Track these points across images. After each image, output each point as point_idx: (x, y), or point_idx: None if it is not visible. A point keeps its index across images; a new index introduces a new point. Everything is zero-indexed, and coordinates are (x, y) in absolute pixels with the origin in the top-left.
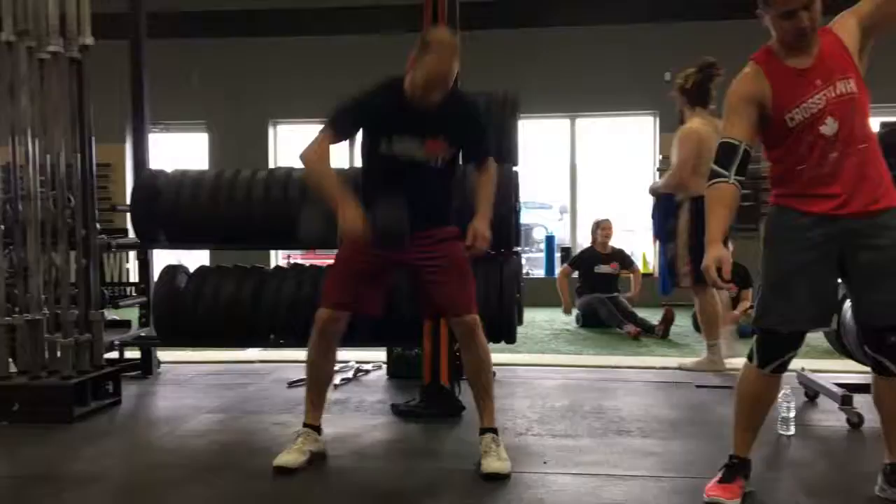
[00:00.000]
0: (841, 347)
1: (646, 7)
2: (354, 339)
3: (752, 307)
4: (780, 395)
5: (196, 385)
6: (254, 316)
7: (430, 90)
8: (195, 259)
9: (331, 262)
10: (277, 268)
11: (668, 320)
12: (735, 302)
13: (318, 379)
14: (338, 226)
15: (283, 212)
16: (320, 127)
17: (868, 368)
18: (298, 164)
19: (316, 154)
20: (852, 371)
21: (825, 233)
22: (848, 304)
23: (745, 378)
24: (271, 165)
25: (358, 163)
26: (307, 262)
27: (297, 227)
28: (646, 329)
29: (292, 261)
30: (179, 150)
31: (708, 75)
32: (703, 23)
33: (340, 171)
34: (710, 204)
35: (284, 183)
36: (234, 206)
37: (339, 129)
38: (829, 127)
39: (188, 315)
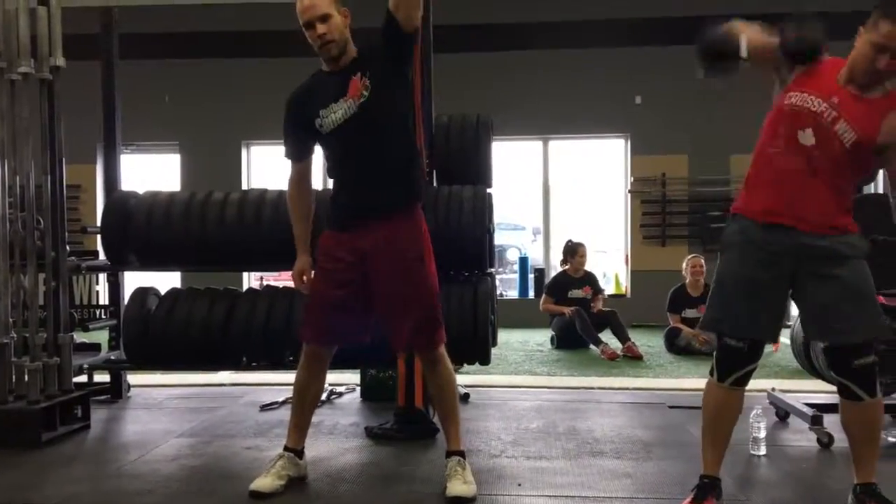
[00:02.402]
0: (810, 367)
1: (617, 31)
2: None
3: None
4: (751, 415)
5: (167, 409)
6: (226, 338)
7: (309, 31)
8: (166, 281)
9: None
10: (250, 290)
11: (636, 357)
12: None
13: (304, 401)
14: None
15: (257, 234)
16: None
17: (831, 388)
18: (272, 185)
19: (289, 188)
20: (822, 391)
21: (778, 249)
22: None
23: (707, 393)
24: (244, 187)
25: None
26: (280, 284)
27: None
28: (621, 337)
29: (265, 283)
30: (151, 172)
31: None
32: (673, 47)
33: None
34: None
35: (258, 204)
36: (206, 228)
37: (291, 152)
38: (805, 136)
39: (159, 338)
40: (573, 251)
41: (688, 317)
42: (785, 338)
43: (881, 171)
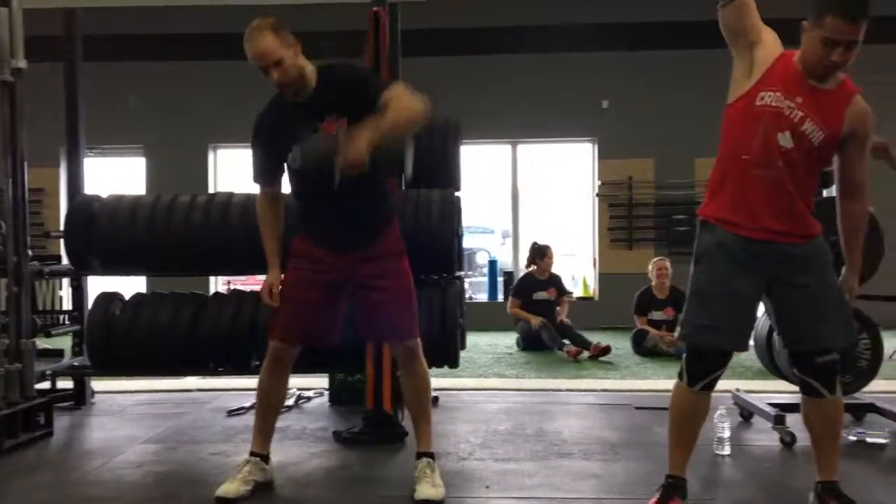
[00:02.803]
0: (774, 368)
1: (584, 36)
2: (296, 365)
3: None
4: (715, 415)
5: (131, 415)
6: (192, 343)
7: (267, 74)
8: (131, 286)
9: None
10: (216, 294)
11: (604, 351)
12: (673, 325)
13: (269, 405)
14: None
15: (223, 237)
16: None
17: (793, 388)
18: (240, 189)
19: (259, 209)
20: (785, 391)
21: (750, 256)
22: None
23: (675, 396)
24: (211, 190)
25: None
26: (248, 288)
27: None
28: (583, 345)
29: (233, 287)
30: (116, 175)
31: None
32: (639, 53)
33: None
34: None
35: (224, 208)
36: (172, 232)
37: (261, 177)
38: (784, 138)
39: (123, 343)
40: (541, 253)
41: (654, 319)
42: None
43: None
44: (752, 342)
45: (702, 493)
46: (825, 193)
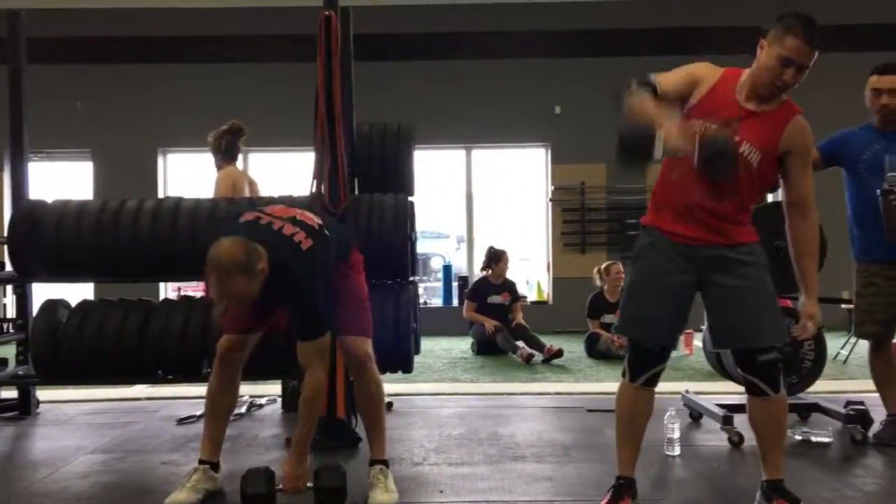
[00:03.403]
0: (721, 369)
1: (537, 43)
2: (248, 372)
3: None
4: (665, 416)
5: (78, 425)
6: (140, 351)
7: (232, 304)
8: (78, 293)
9: None
10: (166, 300)
11: (556, 354)
12: None
13: (218, 411)
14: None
15: (172, 243)
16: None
17: (739, 388)
18: (189, 194)
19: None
20: (733, 392)
21: (686, 257)
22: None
23: (620, 393)
24: (161, 195)
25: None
26: (198, 295)
27: None
28: (537, 347)
29: (182, 293)
30: (62, 180)
31: (236, 135)
32: (591, 59)
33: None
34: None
35: (173, 213)
36: (119, 238)
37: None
38: None
39: (70, 351)
40: (497, 258)
41: (606, 322)
42: (698, 341)
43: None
44: (699, 344)
45: (652, 493)
46: (770, 198)
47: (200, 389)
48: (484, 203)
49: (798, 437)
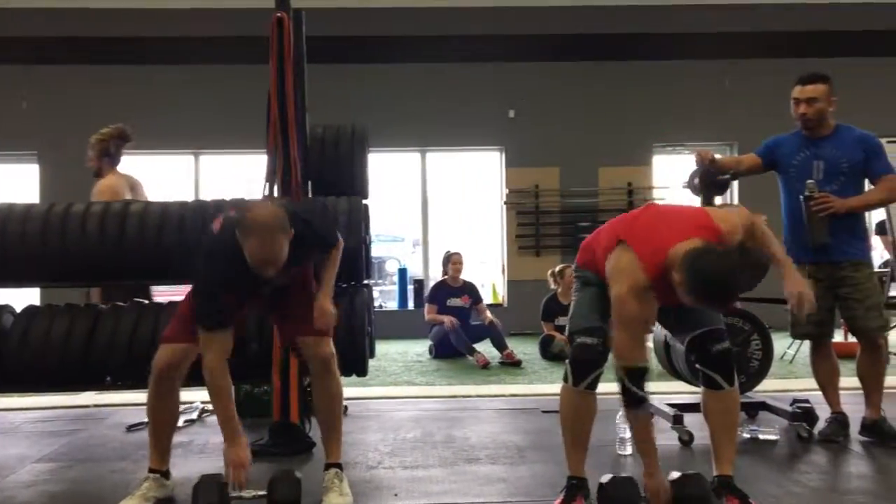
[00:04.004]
0: (672, 369)
1: (491, 47)
2: (200, 378)
3: None
4: (617, 416)
5: (24, 433)
6: (88, 357)
7: (263, 269)
8: (23, 298)
9: (172, 298)
10: (114, 306)
11: (514, 363)
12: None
13: (160, 424)
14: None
15: (121, 247)
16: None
17: (696, 389)
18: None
19: (211, 365)
20: (683, 392)
21: None
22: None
23: (563, 398)
24: None
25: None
26: (146, 300)
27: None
28: (499, 347)
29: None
30: (6, 183)
31: (125, 140)
32: (545, 64)
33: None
34: None
35: (122, 217)
36: (66, 242)
37: (218, 325)
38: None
39: (15, 358)
40: (447, 260)
41: (560, 324)
42: (650, 342)
43: (735, 184)
44: (651, 345)
45: None
46: (719, 201)
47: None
48: (439, 206)
49: (746, 435)
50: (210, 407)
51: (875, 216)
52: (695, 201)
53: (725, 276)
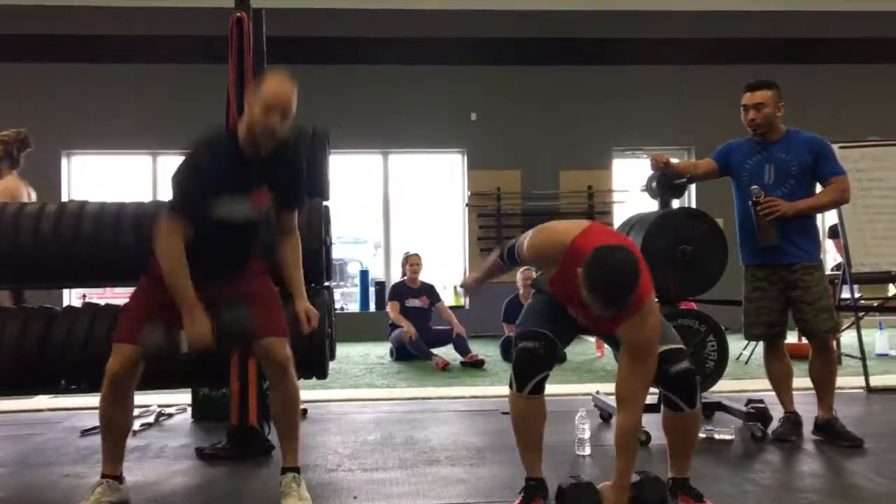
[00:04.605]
0: None
1: (453, 50)
2: (157, 381)
3: None
4: (576, 417)
5: None
6: (41, 360)
7: (270, 114)
8: None
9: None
10: (68, 308)
11: (476, 362)
12: None
13: (113, 430)
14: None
15: (76, 248)
16: (167, 214)
17: (653, 389)
18: (94, 197)
19: (169, 247)
20: None
21: None
22: None
23: (511, 405)
24: (64, 198)
25: None
26: (103, 302)
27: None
28: (463, 353)
29: (87, 300)
30: None
31: (26, 145)
32: (507, 67)
33: None
34: (489, 269)
35: (77, 217)
36: (19, 243)
37: (187, 213)
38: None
39: None
40: (405, 261)
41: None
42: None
43: (692, 188)
44: (608, 347)
45: None
46: (676, 204)
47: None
48: (401, 208)
49: (702, 435)
50: (168, 410)
51: (828, 219)
52: (653, 204)
53: (619, 275)
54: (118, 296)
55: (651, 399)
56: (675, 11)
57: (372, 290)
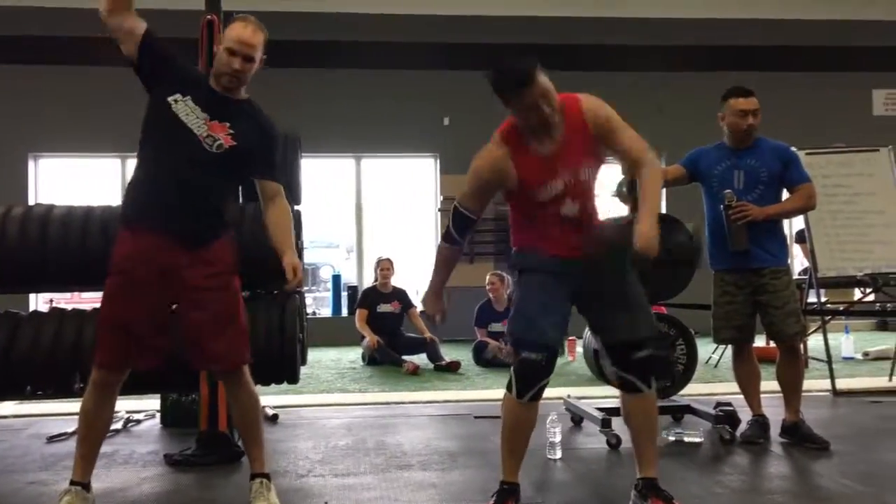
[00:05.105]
0: (600, 374)
1: (426, 55)
2: (125, 386)
3: None
4: (547, 421)
5: None
6: (7, 366)
7: (232, 58)
8: None
9: (97, 306)
10: (34, 313)
11: (452, 368)
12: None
13: (92, 431)
14: None
15: (43, 252)
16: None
17: (616, 392)
18: (63, 201)
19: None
20: (612, 396)
21: (561, 268)
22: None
23: (506, 408)
24: (31, 202)
25: None
26: (70, 307)
27: None
28: (435, 360)
29: (54, 305)
30: None
31: None
32: (479, 72)
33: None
34: (441, 263)
35: (44, 221)
36: None
37: (152, 38)
38: (568, 208)
39: None
40: (377, 265)
41: (494, 330)
42: (581, 347)
43: (662, 192)
44: (580, 350)
45: (534, 496)
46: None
47: (72, 406)
48: (374, 213)
49: (671, 438)
50: (136, 416)
51: (795, 224)
52: (623, 210)
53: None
54: (85, 301)
55: (618, 403)
56: (654, 19)
57: (344, 294)
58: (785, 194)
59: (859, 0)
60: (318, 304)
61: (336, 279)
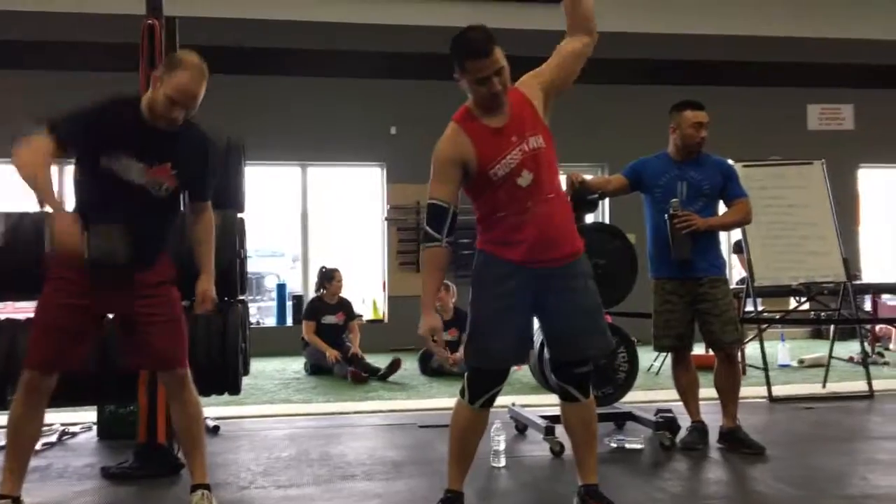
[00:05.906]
0: (545, 382)
1: (372, 64)
2: (60, 398)
3: None
4: (492, 429)
5: None
6: None
7: (173, 107)
8: None
9: (31, 315)
10: None
11: (394, 367)
12: (456, 346)
13: (22, 441)
14: (49, 237)
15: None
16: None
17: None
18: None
19: (31, 150)
20: (556, 404)
21: (522, 280)
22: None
23: (457, 413)
24: None
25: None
26: (3, 316)
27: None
28: (371, 372)
29: None
30: None
31: None
32: (425, 81)
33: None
34: (426, 267)
35: None
36: None
37: (64, 134)
38: (524, 179)
39: None
40: (329, 277)
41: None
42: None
43: (606, 203)
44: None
45: None
46: (591, 218)
47: (1, 418)
48: (319, 221)
49: (613, 445)
50: (72, 429)
51: (733, 236)
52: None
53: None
54: (20, 310)
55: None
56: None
57: (289, 303)
58: (722, 208)
59: (794, 17)
60: (262, 313)
61: (281, 288)
